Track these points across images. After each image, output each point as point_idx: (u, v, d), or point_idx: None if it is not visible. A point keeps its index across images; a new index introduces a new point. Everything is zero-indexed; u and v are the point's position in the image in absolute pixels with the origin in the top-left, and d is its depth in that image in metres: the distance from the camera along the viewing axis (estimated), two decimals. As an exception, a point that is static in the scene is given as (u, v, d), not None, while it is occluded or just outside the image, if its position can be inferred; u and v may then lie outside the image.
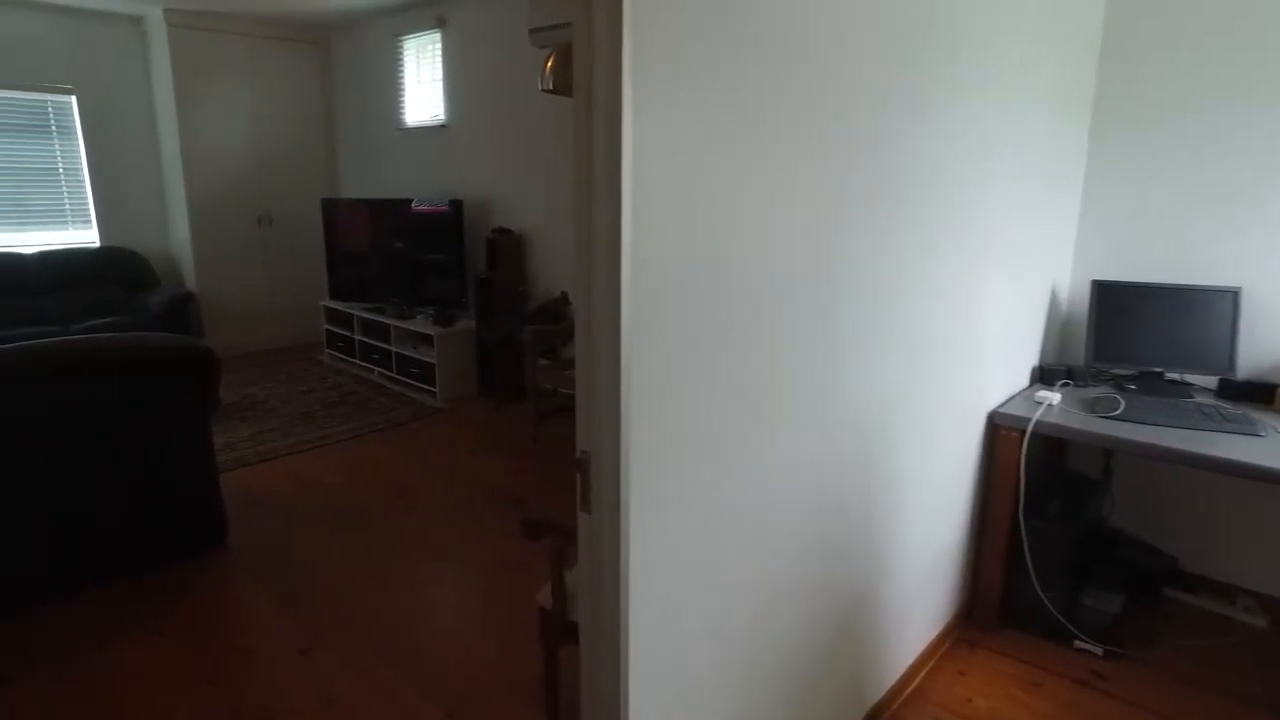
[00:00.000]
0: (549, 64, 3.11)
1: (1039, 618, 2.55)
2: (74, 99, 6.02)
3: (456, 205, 5.28)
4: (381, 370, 5.74)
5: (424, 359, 5.28)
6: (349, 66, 6.57)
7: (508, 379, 5.20)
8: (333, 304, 6.15)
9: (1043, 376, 2.80)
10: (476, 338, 5.29)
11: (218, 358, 3.04)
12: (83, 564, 2.85)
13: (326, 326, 6.31)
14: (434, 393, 5.25)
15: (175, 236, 6.48)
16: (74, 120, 6.05)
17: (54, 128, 5.99)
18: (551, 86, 3.11)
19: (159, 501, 2.98)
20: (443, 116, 5.69)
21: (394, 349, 5.52)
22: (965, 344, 2.27)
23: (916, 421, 2.09)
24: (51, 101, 5.94)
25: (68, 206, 6.12)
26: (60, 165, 6.05)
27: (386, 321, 5.54)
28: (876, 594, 2.10)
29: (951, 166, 1.98)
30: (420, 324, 5.35)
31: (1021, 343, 2.70)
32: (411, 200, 5.56)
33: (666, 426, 1.28)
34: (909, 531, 2.20)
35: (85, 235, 6.22)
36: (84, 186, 6.16)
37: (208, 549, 3.22)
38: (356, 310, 5.87)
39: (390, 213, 5.68)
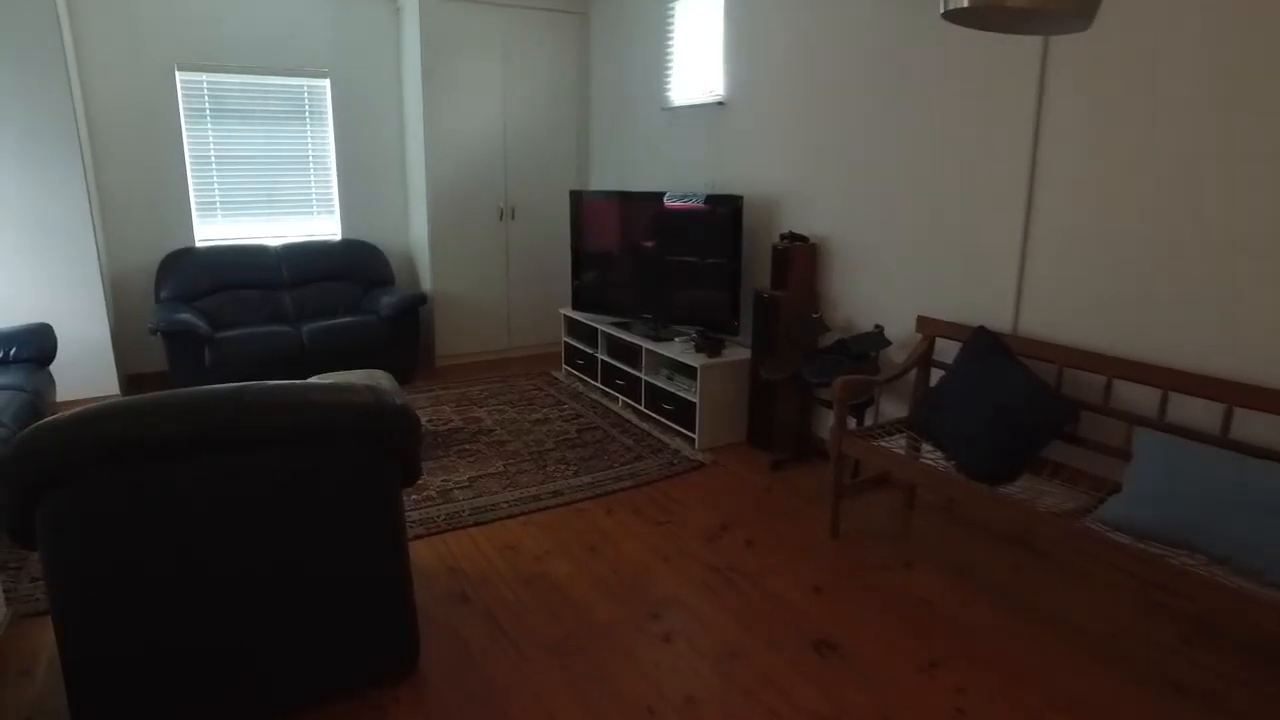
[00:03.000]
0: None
1: None
2: (328, 83, 5.61)
3: (733, 202, 4.12)
4: (627, 400, 4.74)
5: (681, 394, 4.18)
6: (609, 37, 5.65)
7: (788, 430, 3.98)
8: (574, 314, 5.26)
9: None
10: (751, 373, 4.12)
11: (417, 421, 2.08)
12: (217, 696, 1.99)
13: (566, 339, 5.44)
14: (692, 438, 4.14)
15: (414, 230, 5.93)
16: (326, 106, 5.66)
17: (307, 114, 5.63)
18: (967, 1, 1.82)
19: (328, 612, 2.08)
20: (720, 93, 4.57)
21: (644, 376, 4.49)
22: None
23: None
24: (308, 86, 5.58)
25: (314, 195, 5.76)
26: (310, 152, 5.68)
27: (637, 343, 4.52)
28: None
29: None
30: (679, 349, 4.26)
31: None
32: (664, 194, 4.50)
33: None
34: None
35: (328, 225, 5.83)
36: (330, 175, 5.77)
37: (391, 678, 2.28)
38: (602, 325, 4.92)
39: (645, 209, 4.65)
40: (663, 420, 4.40)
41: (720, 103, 4.56)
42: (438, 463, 3.88)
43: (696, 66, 4.80)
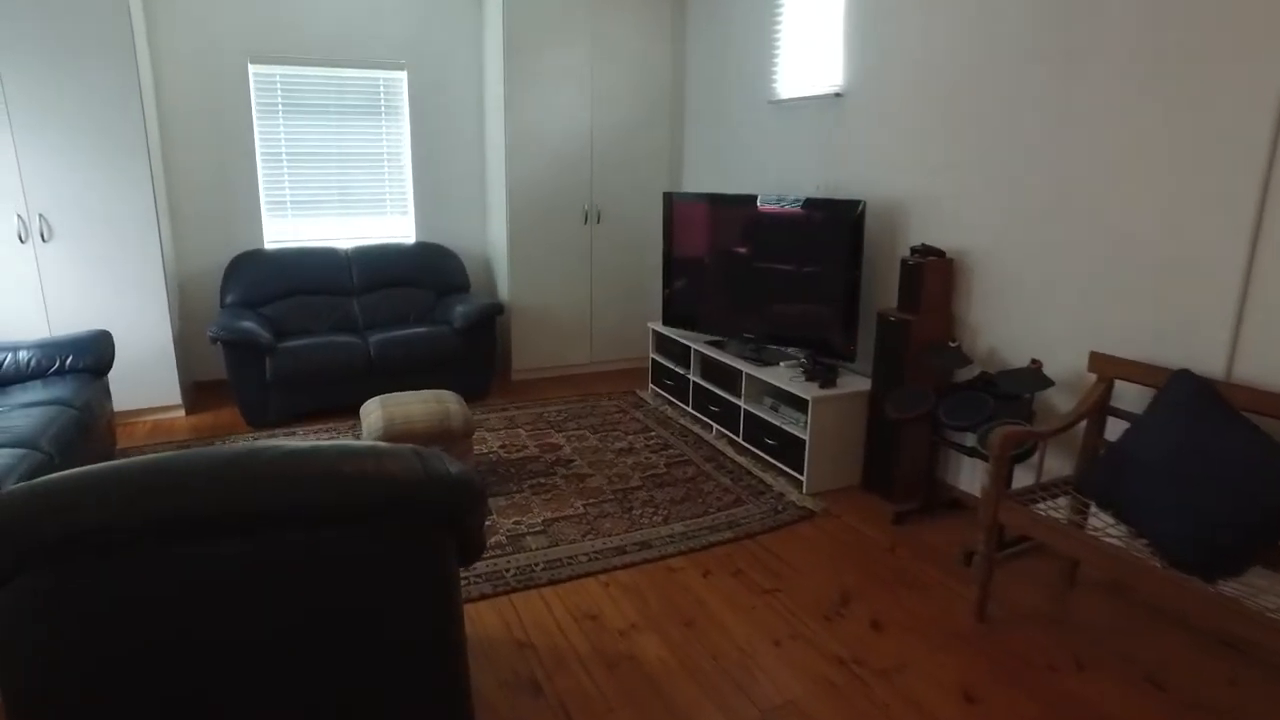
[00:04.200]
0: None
1: None
2: (405, 75, 5.26)
3: (852, 207, 3.55)
4: (722, 429, 4.21)
5: (787, 428, 3.63)
6: (707, 22, 5.12)
7: (913, 476, 3.40)
8: (664, 330, 4.76)
9: None
10: (870, 407, 3.54)
11: (480, 494, 1.61)
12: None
13: (654, 356, 4.94)
14: (799, 480, 3.59)
15: (491, 233, 5.53)
16: (403, 99, 5.31)
17: (383, 108, 5.29)
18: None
19: (372, 704, 1.63)
20: (838, 83, 3.99)
21: (743, 404, 3.95)
22: None
23: None
24: (383, 79, 5.25)
25: (387, 193, 5.42)
26: (385, 148, 5.34)
27: (736, 365, 3.99)
28: None
29: None
30: (785, 375, 3.71)
31: None
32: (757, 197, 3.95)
33: None
34: None
35: (402, 226, 5.48)
36: (405, 172, 5.42)
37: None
38: (696, 344, 4.40)
39: (747, 215, 4.11)
40: (764, 456, 3.85)
41: (837, 95, 3.98)
42: (509, 499, 3.43)
43: (810, 53, 4.23)
